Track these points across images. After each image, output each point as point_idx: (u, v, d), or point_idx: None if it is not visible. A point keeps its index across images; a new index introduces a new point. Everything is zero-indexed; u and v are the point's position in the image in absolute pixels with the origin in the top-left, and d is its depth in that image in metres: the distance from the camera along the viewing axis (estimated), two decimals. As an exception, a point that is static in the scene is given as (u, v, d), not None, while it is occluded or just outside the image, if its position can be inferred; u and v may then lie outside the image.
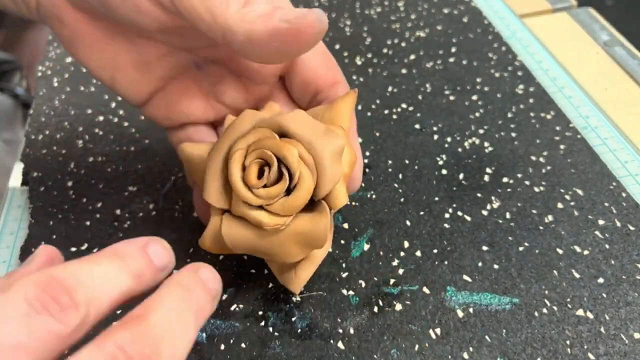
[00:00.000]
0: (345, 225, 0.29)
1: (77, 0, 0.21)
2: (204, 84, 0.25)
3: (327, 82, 0.24)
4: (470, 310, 0.25)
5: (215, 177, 0.22)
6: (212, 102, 0.25)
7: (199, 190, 0.24)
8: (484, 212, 0.29)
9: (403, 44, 0.40)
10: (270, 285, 0.26)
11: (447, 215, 0.29)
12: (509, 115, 0.34)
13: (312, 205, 0.22)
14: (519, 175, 0.30)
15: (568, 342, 0.24)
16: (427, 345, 0.24)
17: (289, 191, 0.21)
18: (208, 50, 0.24)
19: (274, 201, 0.21)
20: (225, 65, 0.25)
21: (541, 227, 0.28)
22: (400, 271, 0.26)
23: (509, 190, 0.30)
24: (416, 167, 0.31)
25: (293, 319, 0.25)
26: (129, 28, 0.22)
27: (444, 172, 0.31)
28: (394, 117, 0.35)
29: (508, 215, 0.29)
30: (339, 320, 0.25)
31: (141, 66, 0.23)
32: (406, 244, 0.28)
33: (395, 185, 0.30)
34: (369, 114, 0.35)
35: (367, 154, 0.32)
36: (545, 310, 0.25)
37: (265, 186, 0.21)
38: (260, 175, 0.21)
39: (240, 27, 0.19)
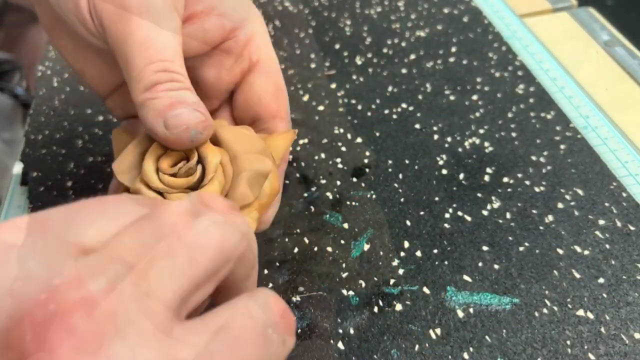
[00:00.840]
0: (345, 225, 0.29)
1: None
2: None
3: (269, 112, 0.24)
4: (471, 310, 0.25)
5: (132, 153, 0.22)
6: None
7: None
8: (484, 212, 0.29)
9: (403, 44, 0.40)
10: (270, 285, 0.26)
11: (447, 215, 0.29)
12: (509, 115, 0.34)
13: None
14: (519, 175, 0.30)
15: (568, 342, 0.24)
16: (427, 345, 0.24)
17: (193, 190, 0.21)
18: None
19: (174, 192, 0.21)
20: None
21: (541, 227, 0.28)
22: (401, 271, 0.26)
23: (509, 190, 0.30)
24: (416, 167, 0.31)
25: (293, 319, 0.25)
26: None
27: (444, 172, 0.31)
28: (394, 117, 0.35)
29: (508, 215, 0.28)
30: (339, 320, 0.25)
31: (108, 62, 0.24)
32: (406, 244, 0.28)
33: (395, 185, 0.30)
34: (369, 114, 0.35)
35: (367, 153, 0.32)
36: (545, 311, 0.25)
37: (173, 176, 0.21)
38: (174, 165, 0.21)
39: (142, 109, 0.20)
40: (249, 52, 0.24)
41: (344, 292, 0.26)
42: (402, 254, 0.27)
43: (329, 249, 0.27)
